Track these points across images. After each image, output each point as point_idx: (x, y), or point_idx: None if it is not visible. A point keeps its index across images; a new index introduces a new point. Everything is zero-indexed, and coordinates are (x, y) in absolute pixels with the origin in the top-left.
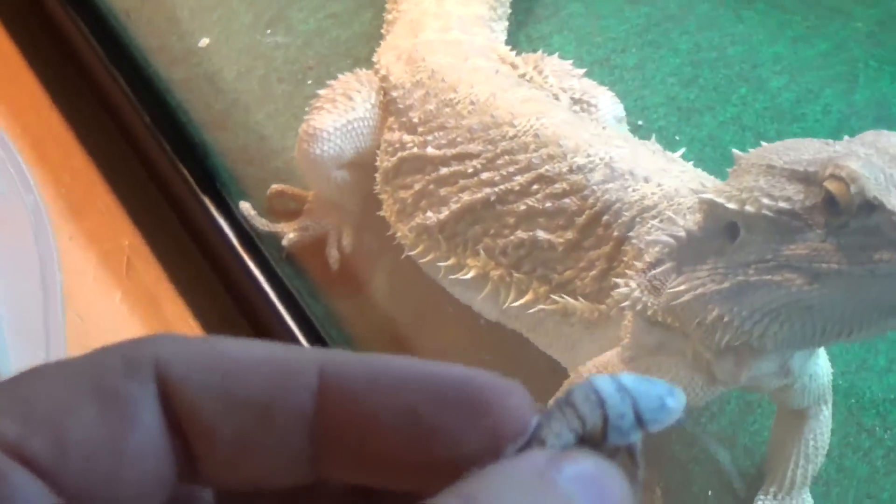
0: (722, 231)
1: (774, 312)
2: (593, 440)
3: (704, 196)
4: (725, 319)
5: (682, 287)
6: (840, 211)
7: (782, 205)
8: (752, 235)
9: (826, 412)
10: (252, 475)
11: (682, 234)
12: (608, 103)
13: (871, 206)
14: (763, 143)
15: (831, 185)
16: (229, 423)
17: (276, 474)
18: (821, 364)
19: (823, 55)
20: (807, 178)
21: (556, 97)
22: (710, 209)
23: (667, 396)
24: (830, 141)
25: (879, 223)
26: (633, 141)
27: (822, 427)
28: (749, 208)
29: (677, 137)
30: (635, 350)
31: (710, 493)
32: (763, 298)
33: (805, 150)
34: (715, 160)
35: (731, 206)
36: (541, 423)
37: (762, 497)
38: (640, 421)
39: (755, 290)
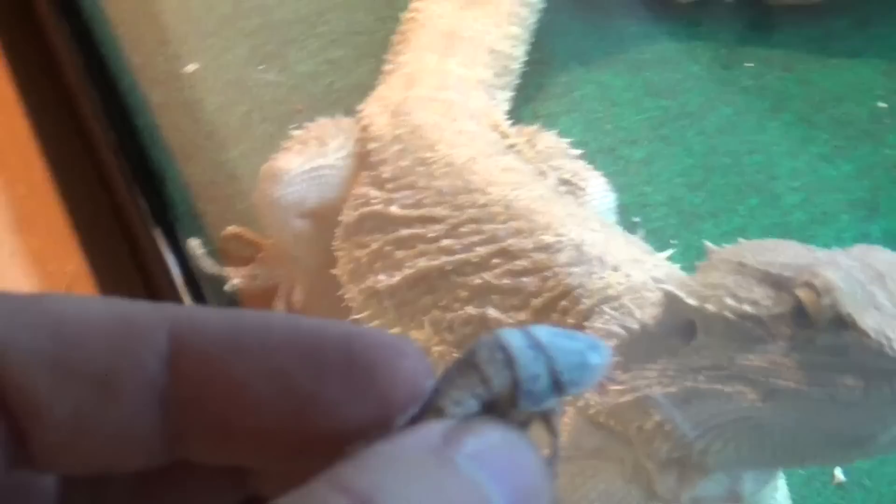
0: (679, 329)
1: (721, 427)
2: (501, 407)
3: (664, 287)
4: (666, 428)
5: (627, 386)
6: (808, 324)
7: (746, 308)
8: (710, 338)
9: None
10: (96, 458)
11: (636, 327)
12: (598, 190)
13: (842, 324)
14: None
15: (803, 294)
16: (64, 398)
17: (124, 456)
18: (779, 500)
19: (846, 177)
20: (779, 283)
21: (544, 174)
22: (669, 303)
23: (589, 351)
24: (814, 248)
25: (849, 344)
26: (611, 227)
27: None
28: (710, 307)
29: (673, 242)
30: (572, 451)
31: None
32: (710, 410)
33: (783, 253)
34: None
35: (691, 301)
36: (438, 388)
37: None
38: (557, 383)
39: (703, 400)
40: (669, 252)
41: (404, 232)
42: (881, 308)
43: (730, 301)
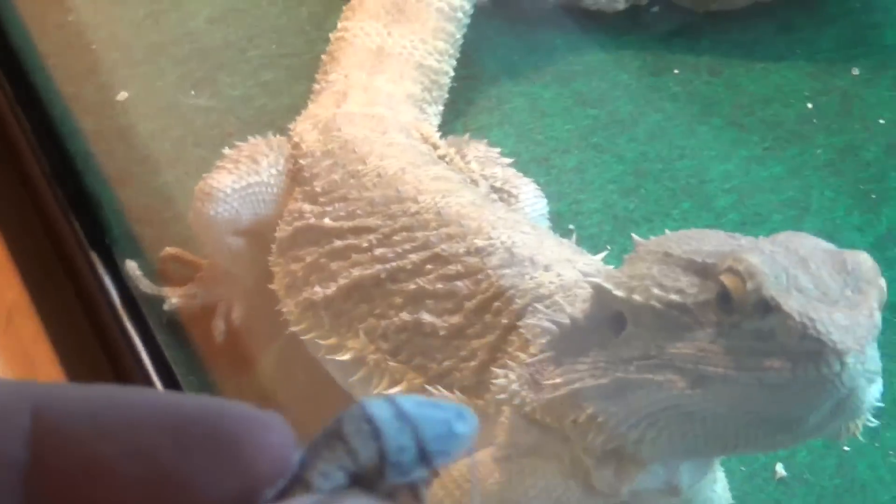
0: (608, 322)
1: (653, 416)
2: (369, 478)
3: (591, 280)
4: (599, 420)
5: (559, 380)
6: (733, 309)
7: (673, 297)
8: (638, 329)
9: None
10: None
11: (566, 321)
12: (530, 196)
13: (766, 307)
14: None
15: (727, 280)
16: None
17: None
18: (718, 492)
19: (777, 179)
20: (704, 271)
21: (476, 183)
22: (598, 296)
23: (455, 421)
24: (738, 235)
25: (774, 327)
26: (542, 230)
27: None
28: (637, 297)
29: (608, 247)
30: (509, 449)
31: None
32: (642, 400)
33: (708, 242)
34: None
35: (619, 293)
36: (305, 461)
37: None
38: (424, 453)
39: (634, 390)
40: (603, 254)
41: (338, 243)
42: (804, 291)
43: (656, 291)
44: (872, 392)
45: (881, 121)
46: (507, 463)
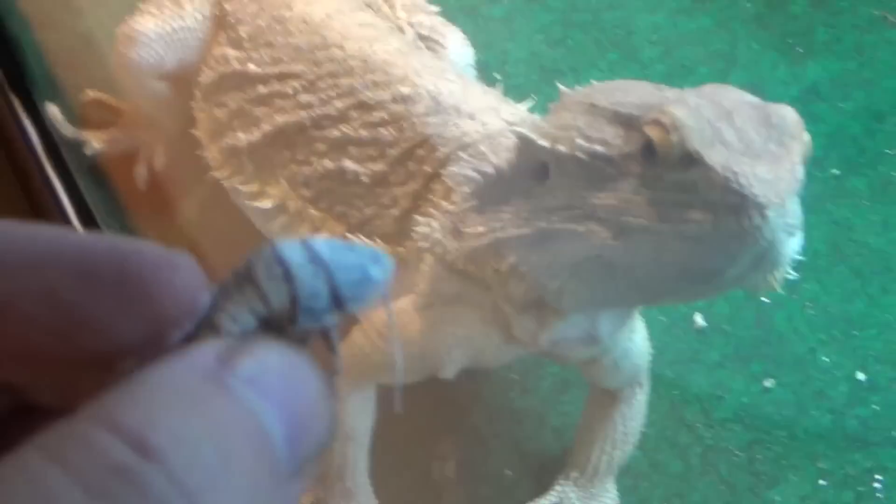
0: (532, 172)
1: (574, 266)
2: (280, 323)
3: (516, 129)
4: (521, 269)
5: (481, 229)
6: (657, 161)
7: (597, 148)
8: (562, 179)
9: (640, 397)
10: None
11: (490, 170)
12: (457, 45)
13: (690, 160)
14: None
15: (651, 132)
16: None
17: None
18: (636, 342)
19: (704, 31)
20: (629, 122)
21: (402, 30)
22: (522, 145)
23: (370, 265)
24: (664, 86)
25: (697, 180)
26: (468, 79)
27: (633, 413)
28: (561, 147)
29: (534, 96)
30: (431, 298)
31: (507, 472)
32: (563, 249)
33: (634, 93)
34: None
35: (543, 143)
36: (214, 303)
37: (562, 482)
38: (336, 299)
39: (556, 240)
40: (528, 104)
41: (262, 89)
42: (728, 145)
43: (581, 141)
44: (792, 245)
45: None
46: (427, 311)
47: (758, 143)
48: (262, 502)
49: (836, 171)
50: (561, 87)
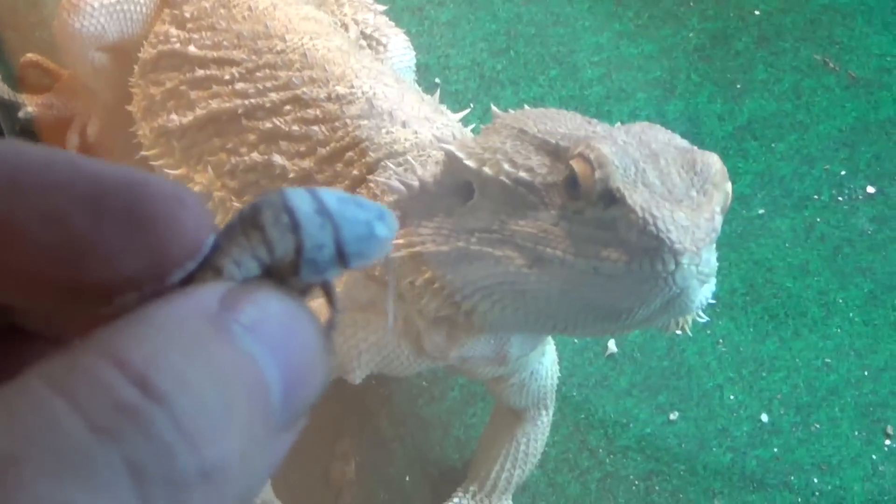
0: (457, 189)
1: (487, 290)
2: (282, 272)
3: (444, 147)
4: (436, 285)
5: (401, 241)
6: (579, 195)
7: (522, 174)
8: (485, 201)
9: (545, 419)
10: None
11: (415, 183)
12: (399, 47)
13: (612, 198)
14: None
15: (576, 165)
16: None
17: None
18: (546, 364)
19: (646, 57)
20: (556, 153)
21: (346, 27)
22: (450, 162)
23: (376, 222)
24: (594, 121)
25: (616, 218)
26: (406, 84)
27: (537, 433)
28: (487, 170)
29: (472, 105)
30: (346, 301)
31: (407, 478)
32: (479, 272)
33: (564, 124)
34: None
35: (470, 163)
36: (219, 244)
37: (460, 494)
38: (341, 254)
39: (472, 261)
40: (465, 112)
41: (200, 73)
42: (651, 186)
43: (507, 166)
44: (704, 292)
45: (756, 12)
46: (341, 316)
47: (680, 188)
48: (255, 452)
49: (761, 211)
50: (494, 108)
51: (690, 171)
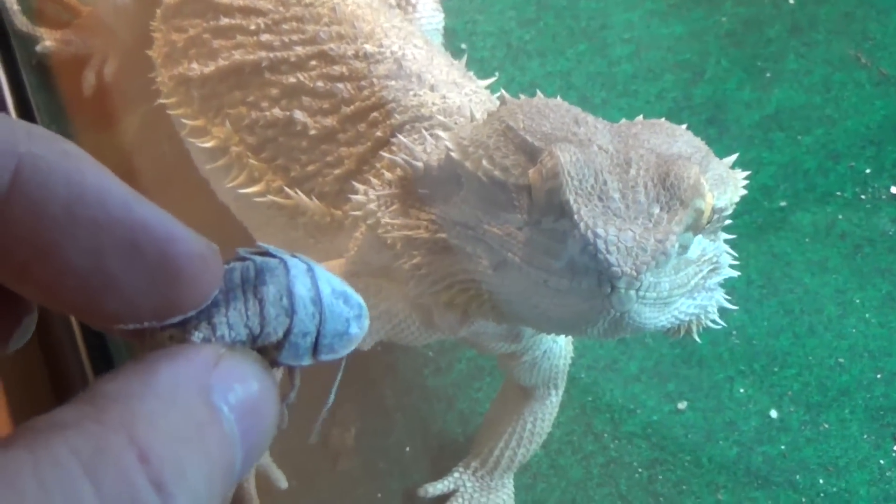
0: (455, 178)
1: (463, 284)
2: (265, 346)
3: (442, 135)
4: (421, 272)
5: (398, 221)
6: (534, 203)
7: (497, 173)
8: (469, 195)
9: (554, 399)
10: None
11: (420, 165)
12: (429, 8)
13: (562, 210)
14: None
15: (532, 173)
16: None
17: None
18: (560, 344)
19: (676, 38)
20: (531, 154)
21: None
22: (447, 152)
23: (353, 321)
24: (589, 118)
25: (565, 231)
26: (434, 46)
27: (545, 413)
28: (468, 165)
29: (497, 74)
30: (359, 265)
31: (407, 449)
32: (456, 266)
33: (551, 122)
34: None
35: (455, 155)
36: (218, 300)
37: (461, 469)
38: (316, 345)
39: (451, 255)
40: (490, 81)
41: (225, 21)
42: (607, 200)
43: (485, 163)
44: (663, 316)
45: (791, 1)
46: (354, 278)
47: (641, 204)
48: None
49: (783, 203)
50: (503, 92)
51: (660, 183)
